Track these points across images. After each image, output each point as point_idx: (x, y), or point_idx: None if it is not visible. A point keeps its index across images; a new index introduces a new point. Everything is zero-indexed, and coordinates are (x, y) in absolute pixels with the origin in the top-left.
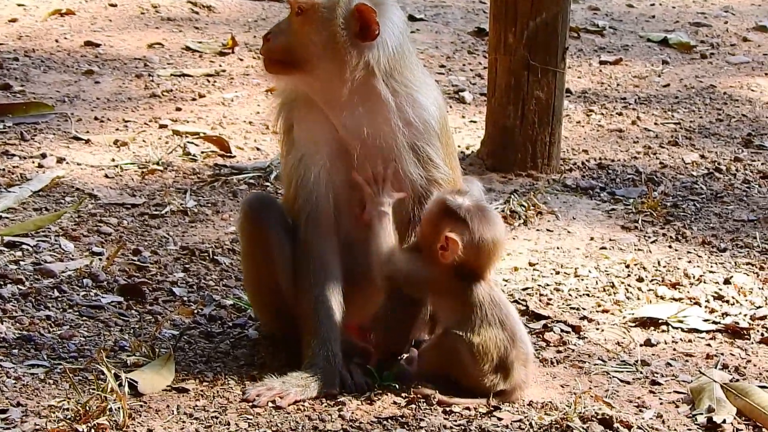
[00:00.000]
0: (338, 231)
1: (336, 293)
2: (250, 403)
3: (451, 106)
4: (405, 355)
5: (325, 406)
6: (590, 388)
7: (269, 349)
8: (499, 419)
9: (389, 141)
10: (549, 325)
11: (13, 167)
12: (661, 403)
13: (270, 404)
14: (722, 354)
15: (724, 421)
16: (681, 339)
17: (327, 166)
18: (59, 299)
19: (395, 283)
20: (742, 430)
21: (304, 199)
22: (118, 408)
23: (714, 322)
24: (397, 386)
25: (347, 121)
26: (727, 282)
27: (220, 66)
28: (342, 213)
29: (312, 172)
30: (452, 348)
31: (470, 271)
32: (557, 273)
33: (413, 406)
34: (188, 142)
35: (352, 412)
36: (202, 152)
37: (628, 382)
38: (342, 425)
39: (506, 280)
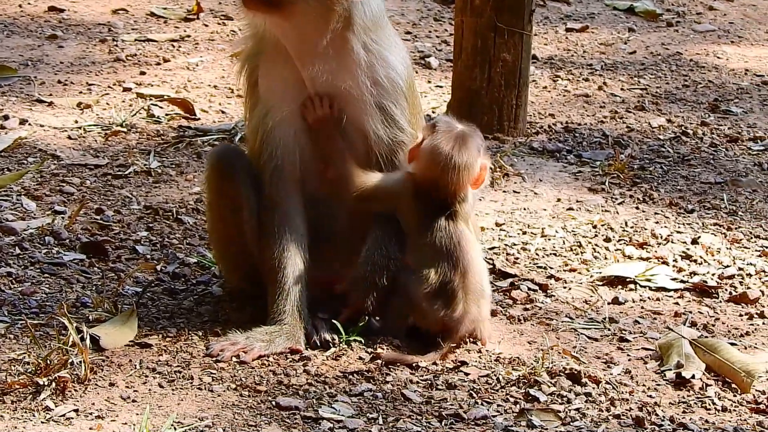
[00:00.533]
0: (303, 186)
1: (301, 248)
2: (214, 358)
3: (417, 72)
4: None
5: (290, 361)
6: (558, 344)
7: (233, 306)
8: (466, 374)
9: (357, 98)
10: (516, 284)
11: None
12: (629, 360)
13: (234, 359)
14: (690, 312)
15: (693, 377)
16: (649, 297)
17: (293, 120)
18: (20, 256)
19: (365, 199)
20: (711, 385)
21: (269, 153)
22: (80, 362)
23: (682, 281)
24: (363, 341)
25: (317, 75)
26: (694, 242)
27: (185, 31)
28: (307, 168)
29: (278, 126)
30: (403, 279)
31: (437, 193)
32: (524, 233)
33: (379, 361)
34: (152, 104)
35: (317, 367)
36: (167, 115)
37: (596, 339)
38: (307, 380)
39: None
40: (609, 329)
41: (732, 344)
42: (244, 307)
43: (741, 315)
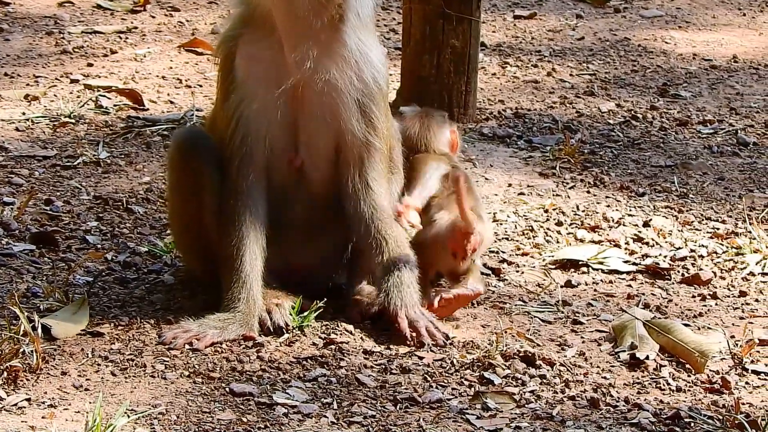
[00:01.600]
0: (269, 173)
1: (260, 236)
2: (167, 346)
3: None
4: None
5: (243, 348)
6: (512, 328)
7: (186, 293)
8: (420, 358)
9: (340, 91)
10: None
11: None
12: (583, 342)
13: (187, 346)
14: (643, 294)
15: (647, 357)
16: (602, 280)
17: (270, 107)
18: None
19: None
20: (665, 365)
21: (240, 139)
22: (32, 351)
23: (634, 264)
24: (318, 326)
25: (303, 59)
26: (646, 225)
27: (132, 23)
28: (276, 156)
29: (254, 112)
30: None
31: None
32: None
33: (333, 346)
34: (100, 95)
35: (271, 354)
36: (115, 105)
37: (550, 322)
38: (260, 366)
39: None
40: (562, 312)
41: (685, 325)
42: (197, 294)
43: (694, 296)
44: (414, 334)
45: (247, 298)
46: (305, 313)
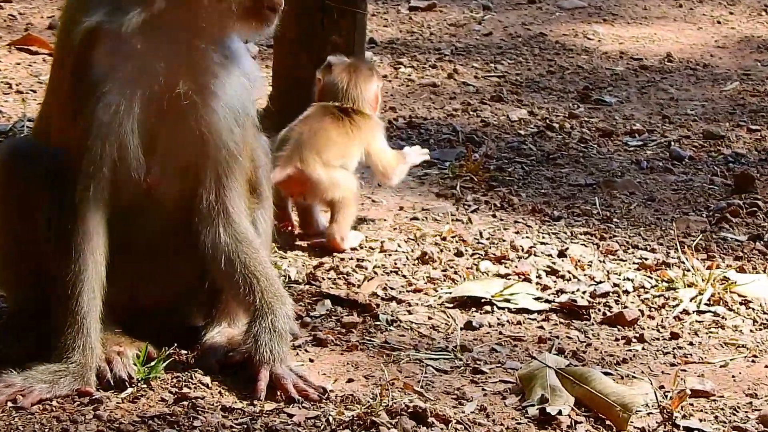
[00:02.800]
0: (119, 192)
1: (101, 268)
2: None
3: None
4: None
5: (78, 405)
6: (399, 378)
7: (9, 339)
8: (290, 416)
9: (207, 100)
10: (349, 308)
11: None
12: (484, 394)
13: (9, 404)
14: (557, 337)
15: (559, 413)
16: (508, 321)
17: (129, 112)
18: None
19: None
20: (581, 422)
21: (91, 147)
22: None
23: (547, 301)
24: (168, 378)
25: (174, 63)
26: (561, 254)
27: None
28: (127, 170)
29: (109, 116)
30: None
31: None
32: (360, 247)
33: (185, 402)
34: None
35: (111, 412)
36: None
37: (446, 371)
38: (98, 426)
39: (298, 257)
40: (461, 359)
41: (606, 374)
42: (22, 340)
43: (617, 339)
44: (280, 392)
45: (83, 345)
46: (153, 363)
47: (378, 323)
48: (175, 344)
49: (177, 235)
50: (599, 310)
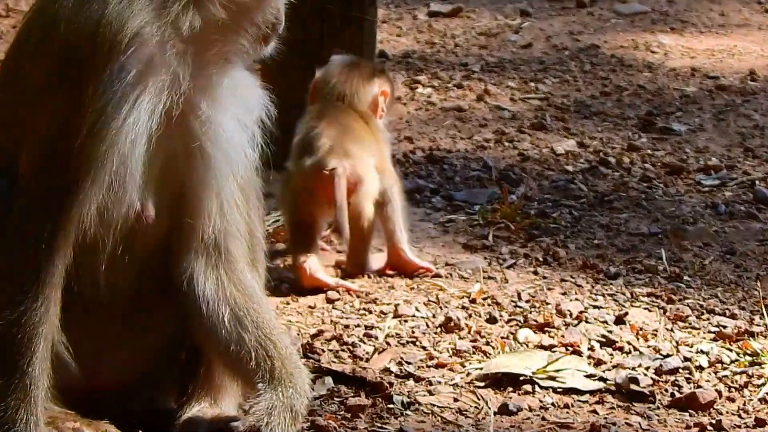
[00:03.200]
0: (92, 228)
1: (51, 330)
2: None
3: None
4: None
5: None
6: None
7: None
8: None
9: (227, 115)
10: (356, 387)
11: None
12: None
13: None
14: (614, 424)
15: None
16: (554, 404)
17: (143, 133)
18: None
19: None
20: None
21: (90, 176)
22: None
23: (601, 379)
24: None
25: (197, 87)
26: (619, 321)
27: None
28: (116, 203)
29: (123, 133)
30: None
31: None
32: (368, 312)
33: None
34: None
35: None
36: None
37: None
38: None
39: (292, 323)
40: None
41: None
42: None
43: (689, 426)
44: None
45: (26, 419)
46: None
47: (391, 406)
48: (141, 431)
49: (156, 287)
50: (666, 390)
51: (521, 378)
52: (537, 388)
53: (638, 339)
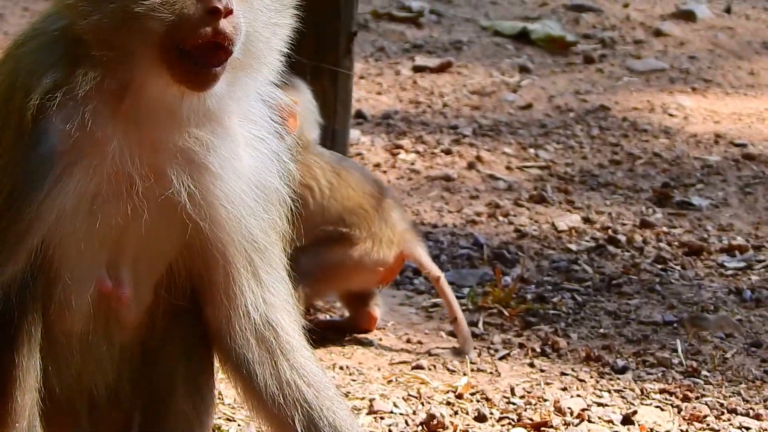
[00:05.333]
0: (65, 313)
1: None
2: None
3: None
4: None
5: None
6: None
7: None
8: None
9: (216, 178)
10: None
11: None
12: None
13: None
14: None
15: None
16: None
17: (89, 207)
18: None
19: None
20: None
21: (33, 249)
22: None
23: None
24: None
25: (166, 152)
26: (627, 421)
27: None
28: (80, 282)
29: (66, 210)
30: None
31: None
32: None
33: None
34: None
35: None
36: None
37: None
38: None
39: (249, 420)
40: None
41: None
42: None
43: None
44: None
45: None
46: None
47: None
48: None
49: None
50: None
51: None
52: None
53: None
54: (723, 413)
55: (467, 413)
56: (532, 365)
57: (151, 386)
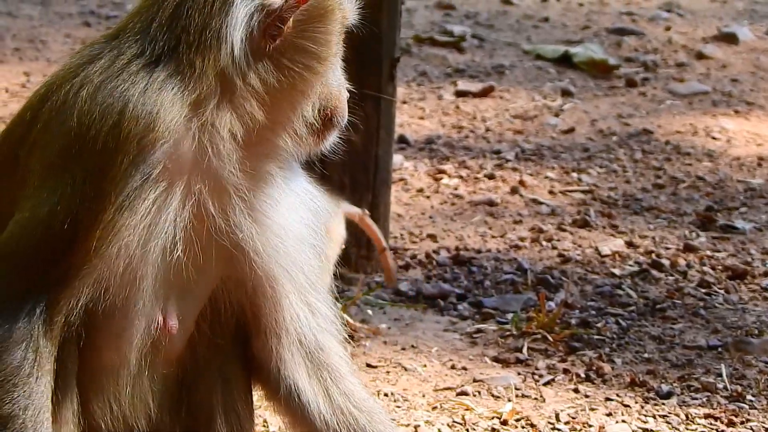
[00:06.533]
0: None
1: None
2: None
3: None
4: None
5: None
6: None
7: None
8: None
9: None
10: None
11: None
12: None
13: None
14: None
15: None
16: None
17: (171, 236)
18: None
19: None
20: None
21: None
22: None
23: None
24: None
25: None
26: None
27: None
28: (138, 313)
29: (147, 238)
30: None
31: None
32: None
33: None
34: None
35: None
36: None
37: None
38: None
39: None
40: None
41: None
42: None
43: None
44: None
45: None
46: None
47: None
48: None
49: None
50: None
51: None
52: None
53: None
54: None
55: None
56: (576, 390)
57: (190, 417)
